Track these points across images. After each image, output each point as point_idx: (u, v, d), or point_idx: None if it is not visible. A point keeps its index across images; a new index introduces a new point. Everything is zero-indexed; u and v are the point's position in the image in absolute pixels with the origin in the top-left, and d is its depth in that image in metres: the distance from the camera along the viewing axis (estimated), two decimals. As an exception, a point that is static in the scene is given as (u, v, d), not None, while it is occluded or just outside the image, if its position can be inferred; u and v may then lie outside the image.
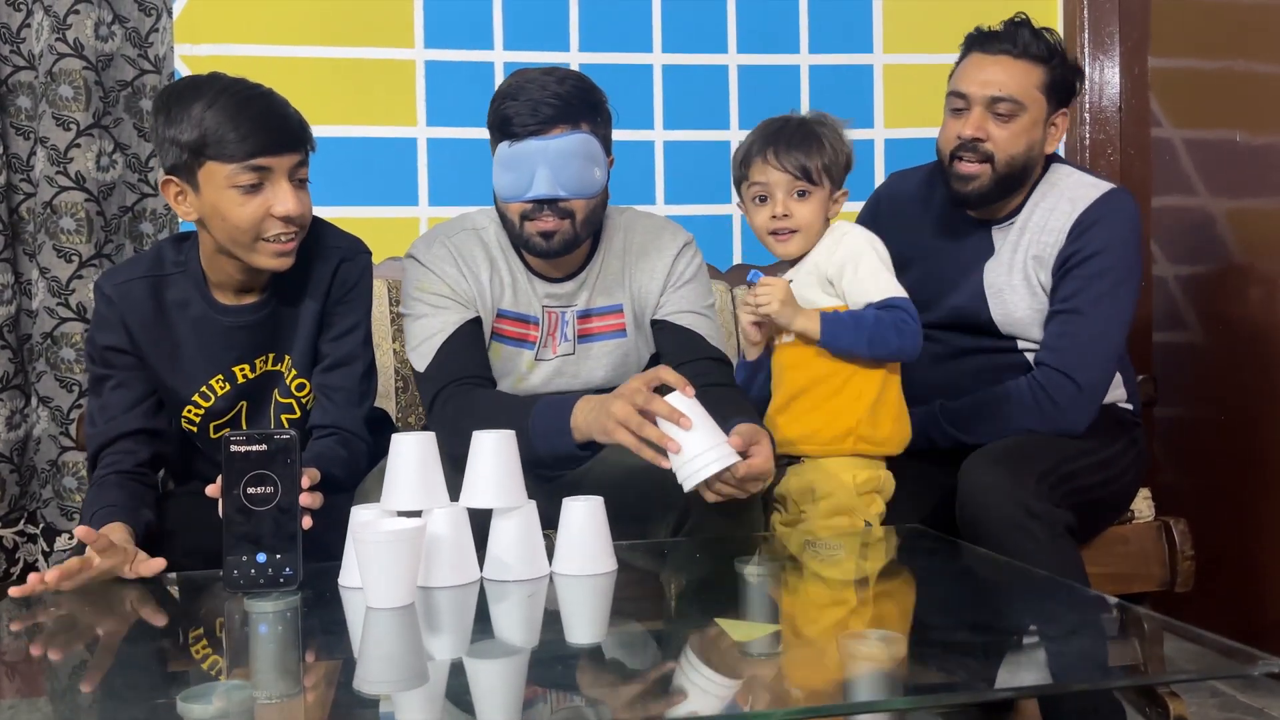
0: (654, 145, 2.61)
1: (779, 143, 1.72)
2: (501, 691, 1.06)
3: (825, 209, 1.73)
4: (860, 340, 1.65)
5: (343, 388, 1.68)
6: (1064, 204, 1.86)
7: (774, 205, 1.72)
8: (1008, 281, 1.88)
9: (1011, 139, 1.82)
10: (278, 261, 1.58)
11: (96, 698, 1.08)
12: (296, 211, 1.55)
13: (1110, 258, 1.81)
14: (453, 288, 1.71)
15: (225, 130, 1.50)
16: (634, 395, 1.42)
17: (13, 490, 2.32)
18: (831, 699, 1.05)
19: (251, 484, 1.30)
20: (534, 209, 1.64)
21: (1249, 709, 2.09)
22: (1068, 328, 1.82)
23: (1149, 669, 1.14)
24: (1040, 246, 1.86)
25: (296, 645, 1.21)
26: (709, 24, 2.63)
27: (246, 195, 1.52)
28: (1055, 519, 1.65)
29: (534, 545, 1.36)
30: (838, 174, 1.73)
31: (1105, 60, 2.73)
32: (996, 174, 1.84)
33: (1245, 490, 2.31)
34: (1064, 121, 1.87)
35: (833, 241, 1.73)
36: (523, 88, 1.62)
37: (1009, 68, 1.82)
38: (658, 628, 1.28)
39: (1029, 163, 1.85)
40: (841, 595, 1.41)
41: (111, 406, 1.64)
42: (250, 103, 1.53)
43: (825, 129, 1.73)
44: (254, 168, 1.51)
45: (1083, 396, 1.80)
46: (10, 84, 2.32)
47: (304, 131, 1.58)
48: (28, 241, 2.33)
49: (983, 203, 1.88)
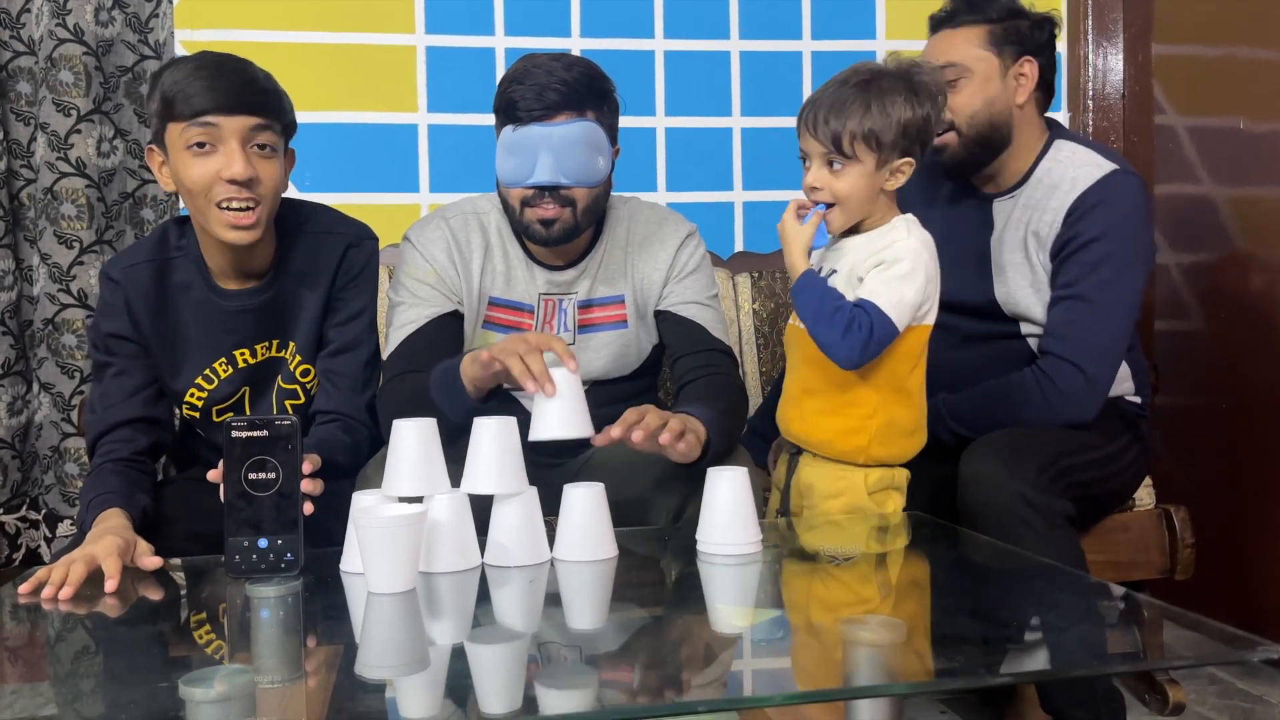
0: (655, 132, 2.61)
1: (818, 106, 1.58)
2: (503, 676, 1.06)
3: (871, 181, 1.56)
4: (810, 313, 1.55)
5: (347, 373, 1.68)
6: (1065, 182, 1.83)
7: (806, 174, 1.60)
8: (1010, 259, 1.86)
9: (966, 100, 1.84)
10: (234, 234, 1.55)
11: (99, 682, 1.08)
12: (243, 175, 1.52)
13: (1111, 243, 1.78)
14: (439, 274, 1.71)
15: (179, 90, 1.51)
16: (519, 343, 1.42)
17: (14, 476, 2.32)
18: (832, 684, 1.05)
19: (253, 469, 1.30)
20: (535, 195, 1.63)
21: (1248, 696, 2.10)
22: (1073, 315, 1.79)
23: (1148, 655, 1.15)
24: (1040, 224, 1.83)
25: (298, 630, 1.21)
26: (711, 10, 2.62)
27: (197, 156, 1.52)
28: (1054, 509, 1.63)
29: (535, 531, 1.37)
30: (890, 141, 1.54)
31: (1109, 47, 2.72)
32: (965, 137, 1.85)
33: (1246, 478, 2.31)
34: (1032, 69, 1.85)
35: (881, 243, 1.57)
36: (530, 72, 1.61)
37: (946, 39, 1.87)
38: (659, 613, 1.28)
39: (995, 117, 1.85)
40: (842, 581, 1.41)
41: (111, 394, 1.64)
42: (210, 65, 1.53)
43: (883, 90, 1.55)
44: (202, 124, 1.51)
45: (1090, 386, 1.77)
46: (10, 69, 2.31)
47: (265, 97, 1.55)
48: (29, 228, 2.33)
49: (964, 167, 1.89)
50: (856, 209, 1.58)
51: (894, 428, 1.60)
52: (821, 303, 1.54)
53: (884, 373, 1.57)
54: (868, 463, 1.60)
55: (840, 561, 1.46)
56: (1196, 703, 2.05)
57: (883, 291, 1.53)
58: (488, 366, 1.44)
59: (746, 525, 1.39)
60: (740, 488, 1.39)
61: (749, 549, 1.39)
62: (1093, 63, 2.71)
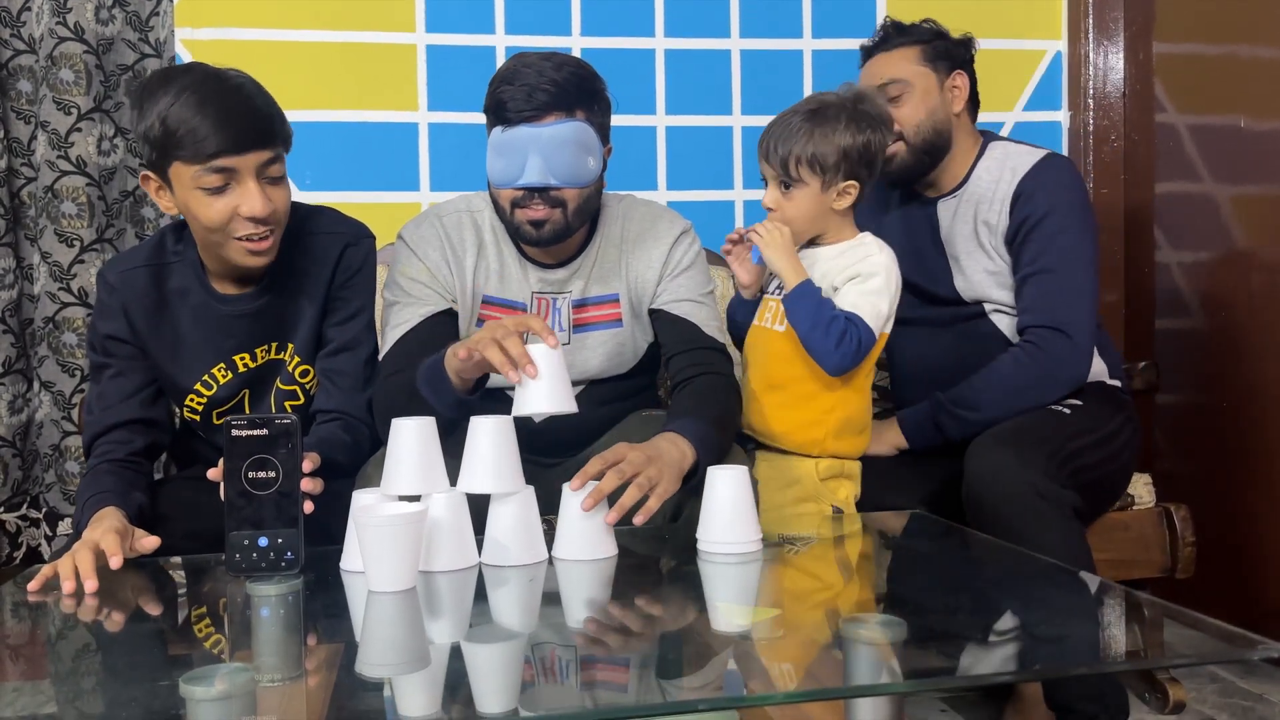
0: (656, 130, 2.61)
1: (771, 134, 1.74)
2: (502, 675, 1.06)
3: (818, 201, 1.72)
4: (807, 321, 1.66)
5: (347, 372, 1.68)
6: (1005, 173, 1.94)
7: (764, 196, 1.77)
8: (964, 248, 1.96)
9: (910, 112, 1.97)
10: (253, 260, 1.56)
11: (99, 680, 1.08)
12: (264, 212, 1.51)
13: (1061, 216, 1.88)
14: (433, 273, 1.71)
15: (186, 130, 1.46)
16: (496, 329, 1.42)
17: (15, 475, 2.32)
18: (832, 682, 1.05)
19: (253, 468, 1.30)
20: (525, 196, 1.62)
21: (1248, 694, 2.10)
22: (1044, 288, 1.87)
23: (1148, 654, 1.14)
24: (988, 213, 1.94)
25: (298, 628, 1.21)
26: (711, 8, 2.62)
27: (213, 195, 1.50)
28: (1063, 500, 1.66)
29: (532, 530, 1.37)
30: (834, 164, 1.70)
31: (1109, 45, 2.72)
32: (911, 145, 1.97)
33: (1246, 477, 2.31)
34: (964, 81, 2.00)
35: (854, 257, 1.72)
36: (519, 72, 1.60)
37: (885, 59, 2.01)
38: (659, 612, 1.28)
39: (938, 126, 1.98)
40: (842, 579, 1.41)
41: (108, 395, 1.64)
42: (213, 99, 1.47)
43: (826, 119, 1.71)
44: (218, 169, 1.48)
45: (1075, 344, 1.85)
46: (11, 68, 2.31)
47: (273, 126, 1.52)
48: (29, 226, 2.33)
49: (911, 174, 2.00)
50: (806, 226, 1.75)
51: (849, 424, 1.75)
52: (818, 312, 1.67)
53: None
54: (821, 454, 1.73)
55: (799, 548, 1.52)
56: (1197, 701, 2.05)
57: (864, 304, 1.68)
58: (468, 358, 1.44)
59: (747, 524, 1.39)
60: (740, 486, 1.39)
61: (750, 547, 1.39)
62: (1093, 61, 2.71)
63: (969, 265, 1.96)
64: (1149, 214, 2.62)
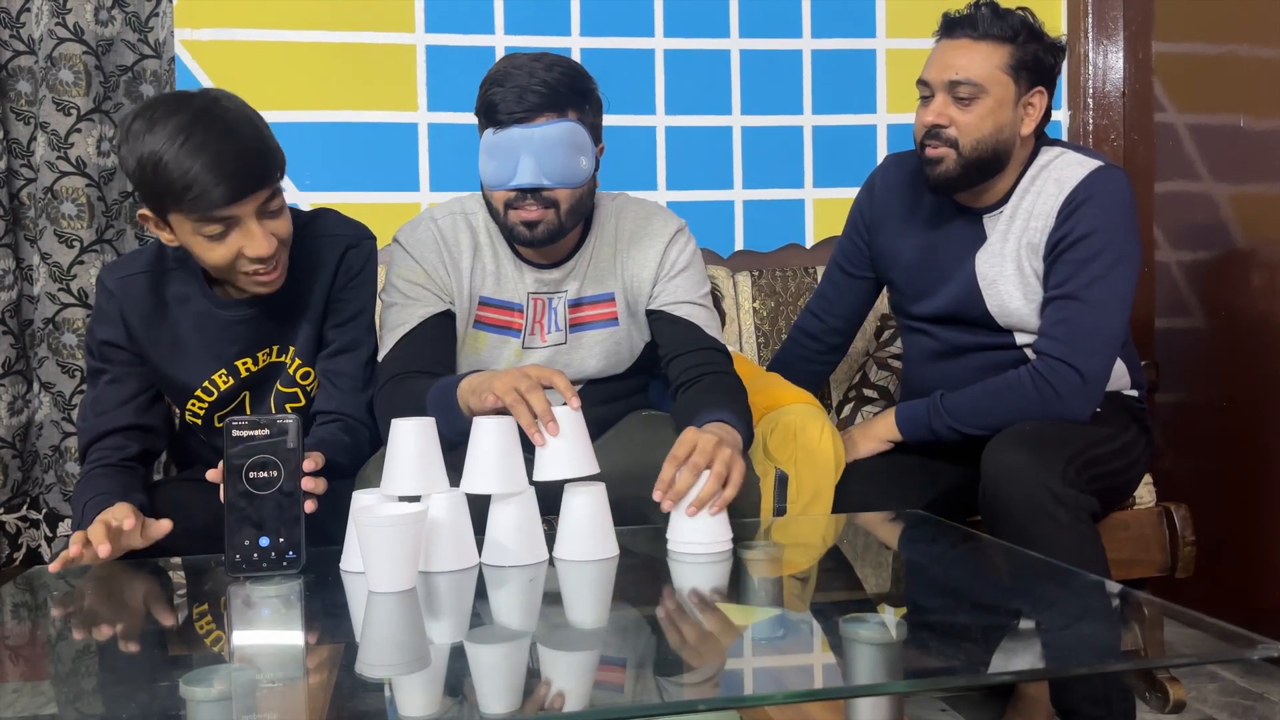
0: (655, 130, 2.61)
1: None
2: (504, 675, 1.06)
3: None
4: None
5: (347, 373, 1.68)
6: (1051, 185, 1.81)
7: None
8: (1000, 271, 1.83)
9: (976, 122, 1.78)
10: (263, 289, 1.56)
11: (99, 680, 1.08)
12: (267, 253, 1.50)
13: (1102, 239, 1.75)
14: (430, 274, 1.71)
15: (183, 184, 1.42)
16: (520, 380, 1.41)
17: (15, 476, 2.32)
18: (832, 682, 1.05)
19: (254, 469, 1.30)
20: (518, 197, 1.62)
21: (1248, 694, 2.10)
22: (1066, 314, 1.77)
23: (1148, 653, 1.15)
24: (1032, 233, 1.81)
25: (299, 629, 1.21)
26: (711, 8, 2.62)
27: (215, 241, 1.49)
28: (1080, 504, 1.62)
29: (533, 531, 1.37)
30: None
31: (1109, 45, 2.72)
32: (963, 158, 1.79)
33: (1246, 476, 2.31)
34: (1041, 101, 1.81)
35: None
36: (510, 74, 1.60)
37: (968, 51, 1.79)
38: (660, 612, 1.28)
39: (1000, 145, 1.80)
40: (844, 579, 1.41)
41: (104, 401, 1.64)
42: (208, 147, 1.42)
43: None
44: (219, 219, 1.47)
45: (1086, 385, 1.75)
46: (10, 69, 2.31)
47: (268, 162, 1.48)
48: (29, 227, 2.33)
49: (953, 187, 1.83)
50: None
51: None
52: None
53: None
54: None
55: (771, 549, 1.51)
56: (1197, 700, 2.05)
57: None
58: (485, 403, 1.44)
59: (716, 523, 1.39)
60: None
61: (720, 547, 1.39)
62: (1093, 60, 2.71)
63: (1005, 289, 1.83)
64: (1149, 214, 2.63)
